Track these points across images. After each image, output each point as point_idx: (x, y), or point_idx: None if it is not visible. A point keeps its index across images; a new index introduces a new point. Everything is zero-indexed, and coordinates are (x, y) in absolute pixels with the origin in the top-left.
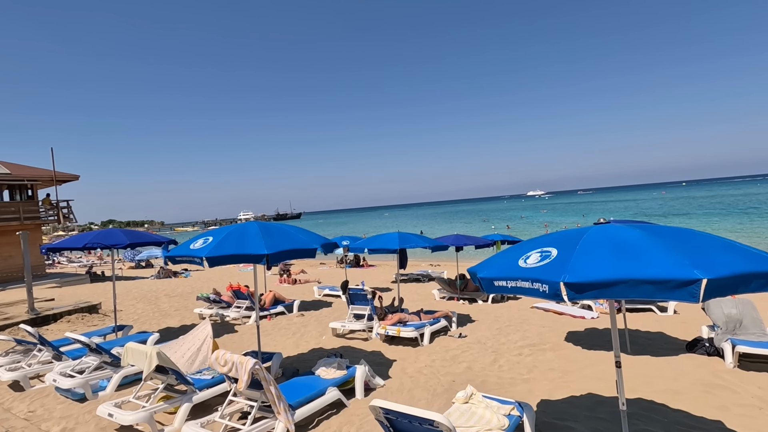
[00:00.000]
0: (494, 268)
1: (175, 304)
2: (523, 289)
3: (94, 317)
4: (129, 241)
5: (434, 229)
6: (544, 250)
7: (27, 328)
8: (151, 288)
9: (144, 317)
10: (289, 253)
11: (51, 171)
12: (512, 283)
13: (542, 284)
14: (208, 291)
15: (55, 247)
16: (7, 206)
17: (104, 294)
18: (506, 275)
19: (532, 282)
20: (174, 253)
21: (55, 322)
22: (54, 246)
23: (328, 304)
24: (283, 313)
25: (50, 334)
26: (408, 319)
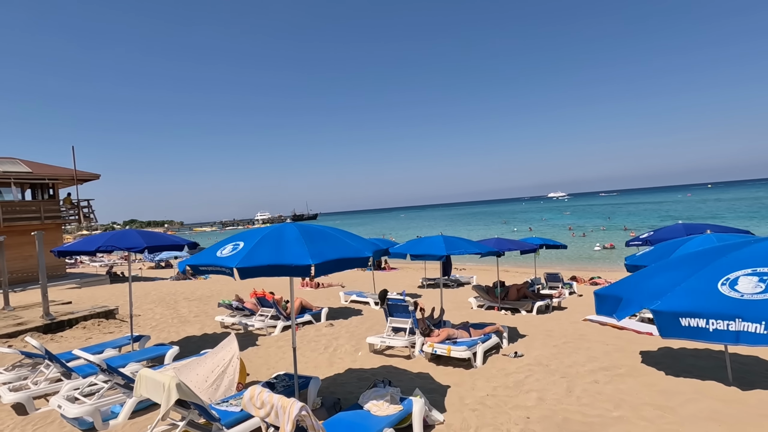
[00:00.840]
0: (679, 298)
1: (195, 309)
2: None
3: (111, 323)
4: (146, 245)
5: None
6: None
7: (32, 342)
8: (170, 290)
9: (162, 324)
10: (338, 263)
11: (72, 170)
12: (722, 325)
13: None
14: (229, 296)
15: (67, 251)
16: (27, 205)
17: (122, 297)
18: (708, 310)
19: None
20: (198, 261)
21: (70, 328)
22: (65, 249)
23: (357, 312)
24: (311, 323)
25: (65, 342)
26: (457, 335)
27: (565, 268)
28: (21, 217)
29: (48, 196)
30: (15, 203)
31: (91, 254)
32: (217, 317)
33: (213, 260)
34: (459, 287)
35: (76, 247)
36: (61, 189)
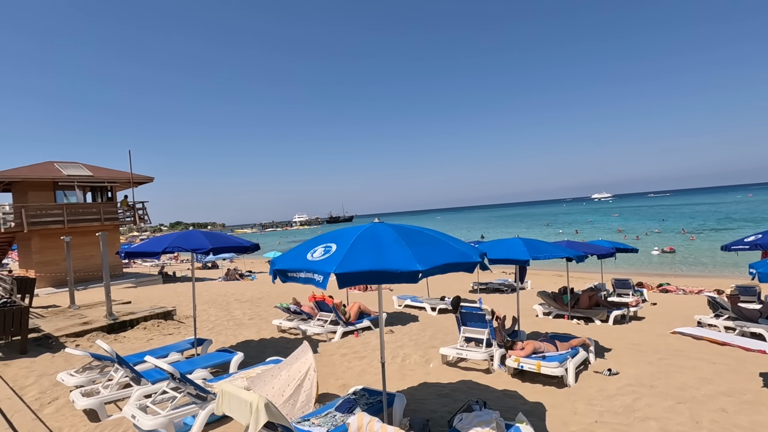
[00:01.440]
0: None
1: (248, 312)
2: None
3: (170, 324)
4: (212, 246)
5: (495, 233)
6: None
7: (103, 345)
8: (220, 291)
9: (218, 326)
10: (445, 268)
11: (128, 173)
12: None
13: None
14: (280, 299)
15: (135, 252)
16: (89, 207)
17: (176, 297)
18: None
19: None
20: (286, 265)
21: (132, 328)
22: (134, 250)
23: (413, 318)
24: (369, 329)
25: (128, 343)
26: (543, 348)
27: (621, 273)
28: (83, 218)
29: (106, 198)
30: (78, 205)
31: (156, 255)
32: (274, 321)
33: (304, 265)
34: (514, 292)
35: (143, 248)
36: (119, 192)
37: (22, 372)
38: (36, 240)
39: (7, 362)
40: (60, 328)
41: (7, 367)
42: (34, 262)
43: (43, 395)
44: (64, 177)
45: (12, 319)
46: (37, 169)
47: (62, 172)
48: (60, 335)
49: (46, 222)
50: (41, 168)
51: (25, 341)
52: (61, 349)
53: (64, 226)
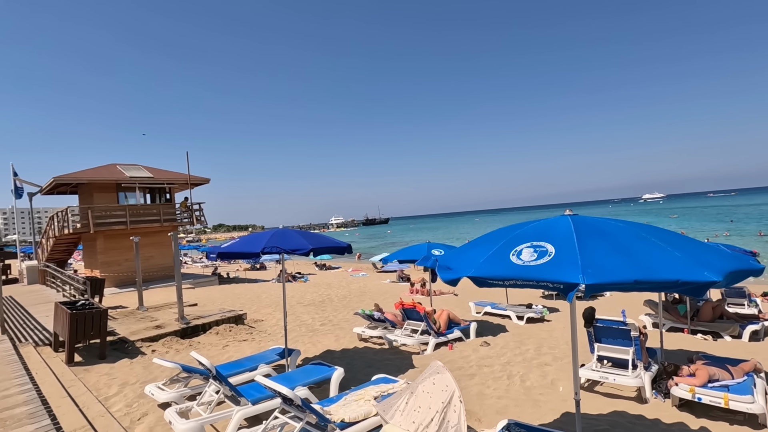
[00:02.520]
0: None
1: (316, 316)
2: None
3: (241, 329)
4: (311, 246)
5: None
6: None
7: (200, 358)
8: (279, 293)
9: (291, 332)
10: (737, 276)
11: (185, 174)
12: None
13: None
14: (346, 303)
15: (228, 252)
16: (149, 208)
17: (236, 299)
18: None
19: None
20: (487, 272)
21: (204, 333)
22: (227, 251)
23: (500, 328)
24: (461, 339)
25: (204, 349)
26: (718, 375)
27: None
28: (144, 219)
29: (164, 199)
30: (139, 206)
31: (253, 257)
32: (356, 329)
33: (517, 272)
34: (593, 299)
35: (238, 248)
36: (176, 193)
37: (104, 380)
38: (101, 240)
39: (88, 368)
40: (134, 332)
41: (87, 373)
42: (99, 262)
43: (130, 409)
44: (127, 179)
45: (92, 322)
46: (101, 171)
47: (125, 174)
48: (135, 339)
49: (110, 223)
50: (105, 170)
51: (105, 346)
52: (138, 354)
53: (127, 227)
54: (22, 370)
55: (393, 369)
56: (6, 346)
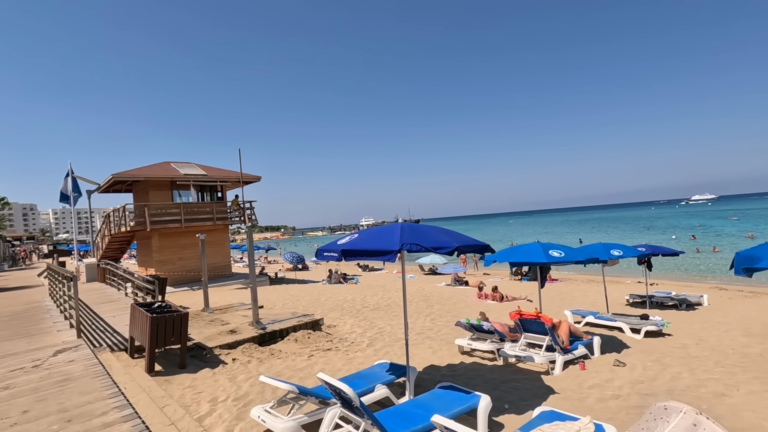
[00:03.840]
0: None
1: (392, 322)
2: None
3: (320, 336)
4: (457, 244)
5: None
6: None
7: (332, 381)
8: (336, 295)
9: (376, 341)
10: None
11: (237, 172)
12: None
13: None
14: (413, 307)
15: (353, 250)
16: (202, 207)
17: (293, 300)
18: None
19: None
20: None
21: (282, 339)
22: (351, 248)
23: (617, 342)
24: (587, 357)
25: (287, 360)
26: None
27: None
28: (198, 217)
29: (216, 197)
30: (193, 205)
31: (389, 255)
32: (458, 340)
33: None
34: (689, 309)
35: (363, 245)
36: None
37: (189, 393)
38: (156, 239)
39: (168, 378)
40: (208, 337)
41: (170, 384)
42: (154, 260)
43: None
44: (181, 176)
45: (173, 326)
46: (156, 169)
47: (179, 172)
48: (213, 346)
49: (166, 221)
50: (160, 168)
51: (185, 354)
52: (218, 363)
53: (182, 225)
54: (113, 385)
55: (528, 394)
56: (86, 354)
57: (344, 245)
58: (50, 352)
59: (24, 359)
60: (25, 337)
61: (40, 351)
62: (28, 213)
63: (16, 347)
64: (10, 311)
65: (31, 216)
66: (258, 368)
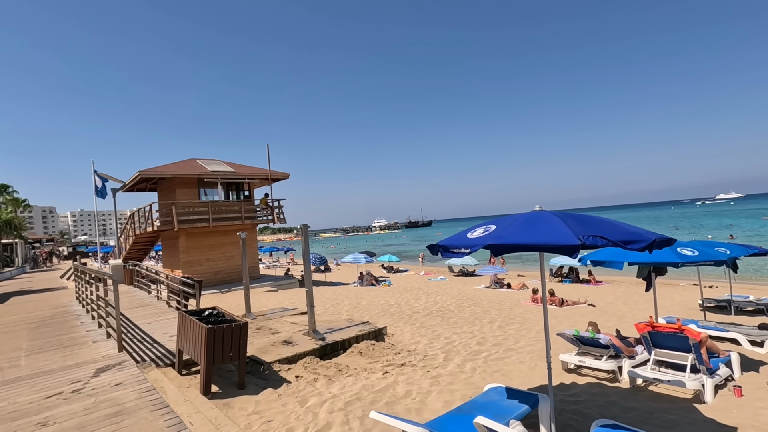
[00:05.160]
0: None
1: (456, 330)
2: None
3: (385, 348)
4: (654, 238)
5: None
6: None
7: (492, 425)
8: (376, 299)
9: (455, 356)
10: None
11: (265, 170)
12: None
13: None
14: (462, 312)
15: (500, 244)
16: (231, 205)
17: (334, 304)
18: None
19: None
20: None
21: (345, 352)
22: (497, 241)
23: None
24: (731, 379)
25: (361, 378)
26: None
27: None
28: (225, 216)
29: (243, 196)
30: (221, 203)
31: (573, 251)
32: (563, 356)
33: None
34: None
35: (513, 238)
36: (255, 189)
37: (256, 422)
38: (183, 239)
39: (227, 401)
40: (261, 349)
41: (230, 409)
42: (181, 261)
43: None
44: (209, 173)
45: (231, 339)
46: (183, 165)
47: (206, 169)
48: (272, 361)
49: (193, 220)
50: (187, 165)
51: (244, 371)
52: (281, 382)
53: (209, 225)
54: (175, 417)
55: (694, 430)
56: (134, 374)
57: (487, 238)
58: (91, 370)
59: (61, 380)
60: (59, 349)
61: (79, 368)
62: (47, 216)
63: (50, 362)
64: (38, 316)
65: (50, 218)
66: (329, 388)
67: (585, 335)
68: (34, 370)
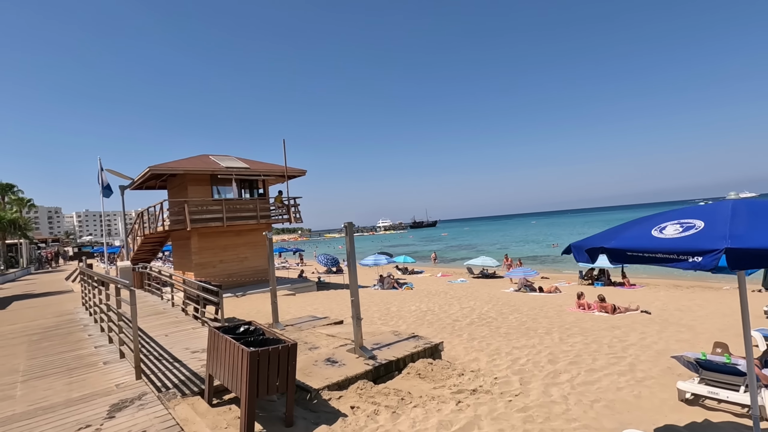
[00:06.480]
0: None
1: (514, 344)
2: None
3: (444, 368)
4: None
5: None
6: None
7: None
8: (405, 304)
9: (531, 380)
10: None
11: (280, 166)
12: None
13: None
14: (532, 323)
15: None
16: (245, 204)
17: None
18: None
19: None
20: None
21: (399, 373)
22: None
23: None
24: None
25: (433, 413)
26: None
27: None
28: (240, 215)
29: (257, 194)
30: (235, 201)
31: None
32: (682, 384)
33: None
34: None
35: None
36: (270, 186)
37: None
38: (195, 239)
39: None
40: (303, 370)
41: None
42: (193, 263)
43: None
44: (222, 169)
45: (278, 365)
46: (196, 161)
47: (220, 165)
48: (320, 387)
49: (206, 219)
50: (199, 161)
51: (293, 405)
52: (335, 416)
53: (223, 224)
54: None
55: None
56: (158, 413)
57: (713, 240)
58: (103, 408)
59: (66, 423)
60: (63, 373)
61: (88, 404)
62: (53, 216)
63: (52, 392)
64: (40, 326)
65: (56, 219)
66: (395, 424)
67: (715, 359)
68: (32, 403)
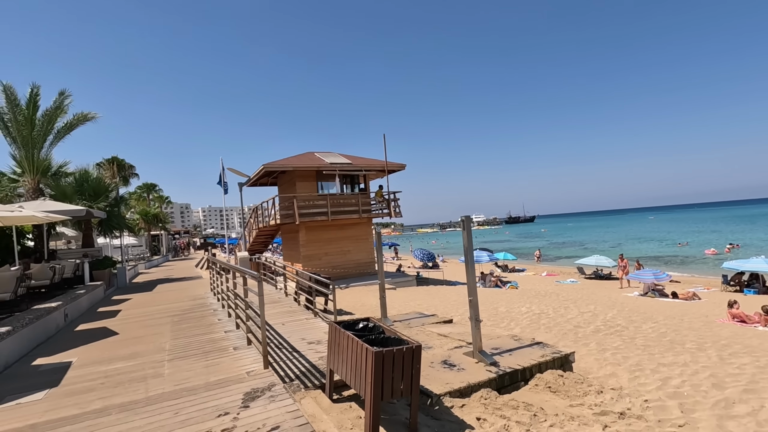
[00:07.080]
0: None
1: (658, 359)
2: None
3: (577, 382)
4: None
5: None
6: None
7: None
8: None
9: (697, 407)
10: None
11: (380, 161)
12: None
13: None
14: (687, 333)
15: None
16: (348, 198)
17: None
18: None
19: None
20: None
21: (526, 384)
22: None
23: None
24: None
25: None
26: None
27: None
28: (343, 210)
29: (359, 188)
30: (339, 196)
31: None
32: None
33: None
34: None
35: None
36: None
37: None
38: (303, 232)
39: None
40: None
41: None
42: (301, 255)
43: None
44: (327, 165)
45: (402, 366)
46: (303, 158)
47: (324, 161)
48: (442, 393)
49: (313, 213)
50: (306, 158)
51: (417, 411)
52: (463, 428)
53: (328, 218)
54: None
55: None
56: (288, 406)
57: None
58: (238, 395)
59: (206, 407)
60: (200, 356)
61: (224, 390)
62: (184, 211)
63: (193, 373)
64: (179, 308)
65: (186, 213)
66: None
67: None
68: (177, 383)
